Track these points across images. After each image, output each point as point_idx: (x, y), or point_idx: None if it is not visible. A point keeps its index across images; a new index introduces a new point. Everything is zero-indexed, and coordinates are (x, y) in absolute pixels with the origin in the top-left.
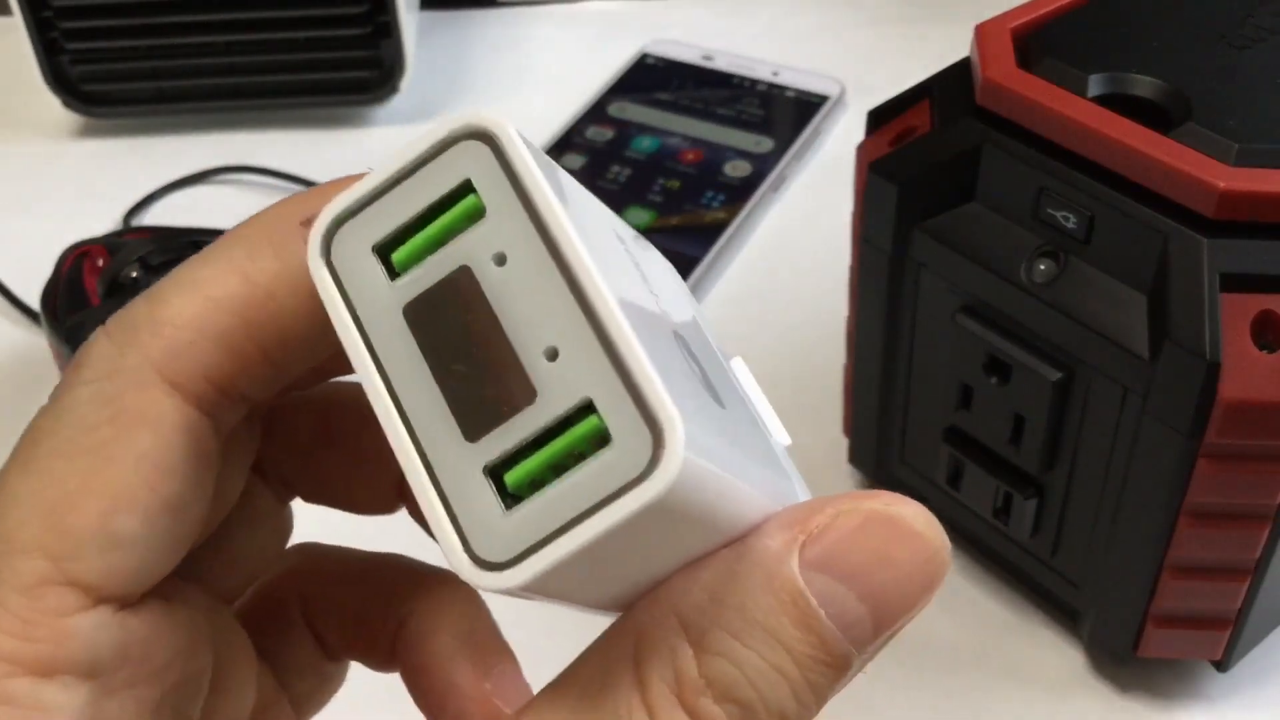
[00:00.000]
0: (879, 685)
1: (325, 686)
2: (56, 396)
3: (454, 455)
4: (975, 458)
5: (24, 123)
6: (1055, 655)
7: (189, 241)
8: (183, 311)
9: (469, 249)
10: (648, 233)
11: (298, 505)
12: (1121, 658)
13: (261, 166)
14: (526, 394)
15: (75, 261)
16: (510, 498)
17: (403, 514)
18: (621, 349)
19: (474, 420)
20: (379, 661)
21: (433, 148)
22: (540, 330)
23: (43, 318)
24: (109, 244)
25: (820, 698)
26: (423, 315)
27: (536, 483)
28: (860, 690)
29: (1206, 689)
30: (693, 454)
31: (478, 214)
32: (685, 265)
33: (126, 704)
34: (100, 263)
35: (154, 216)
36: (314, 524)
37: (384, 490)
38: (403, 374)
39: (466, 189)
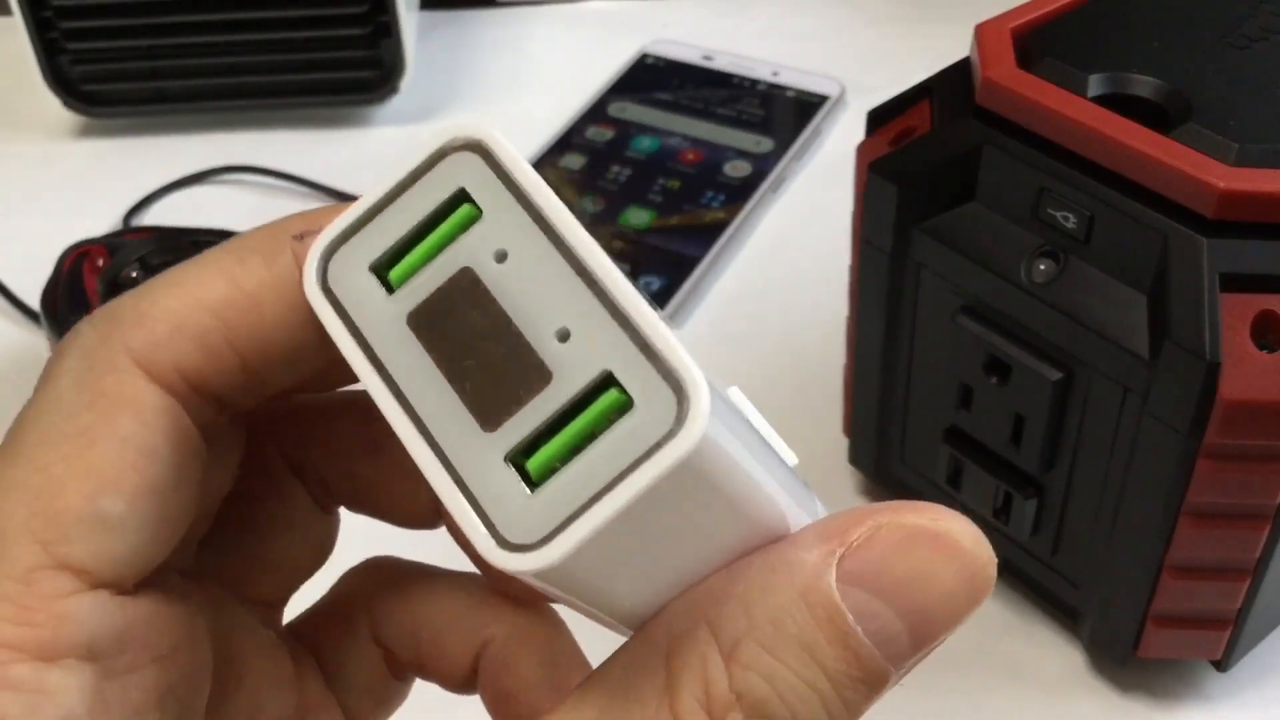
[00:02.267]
0: None
1: (387, 704)
2: (40, 385)
3: (473, 447)
4: (975, 458)
5: (24, 123)
6: (1055, 655)
7: (189, 241)
8: (166, 306)
9: (468, 251)
10: (648, 233)
11: (358, 523)
12: (1121, 658)
13: (261, 166)
14: (542, 376)
15: (75, 261)
16: (533, 483)
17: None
18: (636, 318)
19: (491, 410)
20: (453, 683)
21: (422, 164)
22: (549, 315)
23: (43, 318)
24: (109, 244)
25: (854, 715)
26: (428, 320)
27: (559, 464)
28: None
29: (1206, 689)
30: (716, 416)
31: (473, 218)
32: (685, 265)
33: (129, 689)
34: (100, 263)
35: (154, 216)
36: (364, 538)
37: (424, 503)
38: (412, 379)
39: (461, 197)
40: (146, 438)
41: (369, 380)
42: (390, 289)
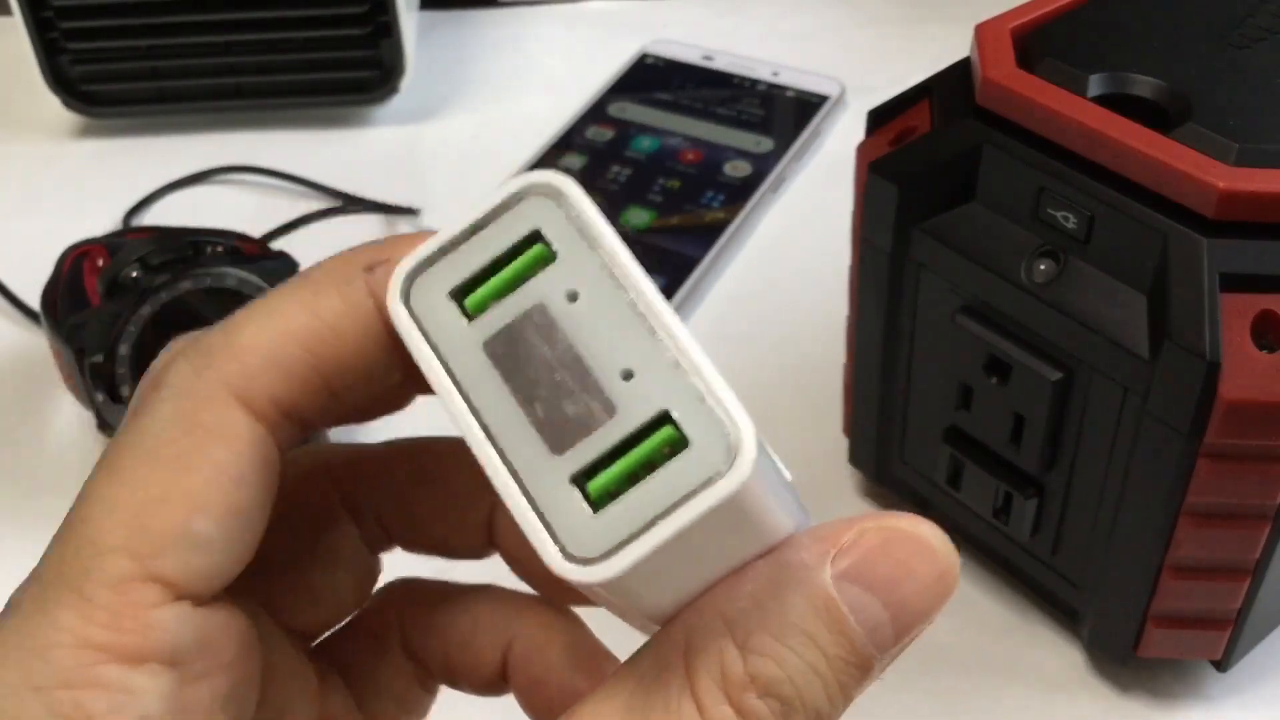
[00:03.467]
0: (879, 685)
1: (414, 714)
2: (137, 412)
3: (542, 468)
4: (975, 458)
5: (24, 123)
6: (1055, 655)
7: (189, 241)
8: (255, 340)
9: (542, 290)
10: (648, 233)
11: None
12: (1121, 658)
13: (261, 166)
14: (607, 409)
15: (75, 261)
16: (594, 504)
17: (488, 565)
18: (698, 366)
19: (559, 435)
20: (483, 685)
21: (503, 203)
22: (615, 355)
23: (43, 318)
24: (109, 244)
25: (847, 699)
26: (504, 348)
27: (616, 489)
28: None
29: (1206, 689)
30: (761, 458)
31: (548, 259)
32: (685, 265)
33: (202, 693)
34: (100, 263)
35: (154, 216)
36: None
37: (476, 532)
38: (487, 401)
39: (535, 238)
40: (237, 465)
41: (449, 397)
42: (468, 317)
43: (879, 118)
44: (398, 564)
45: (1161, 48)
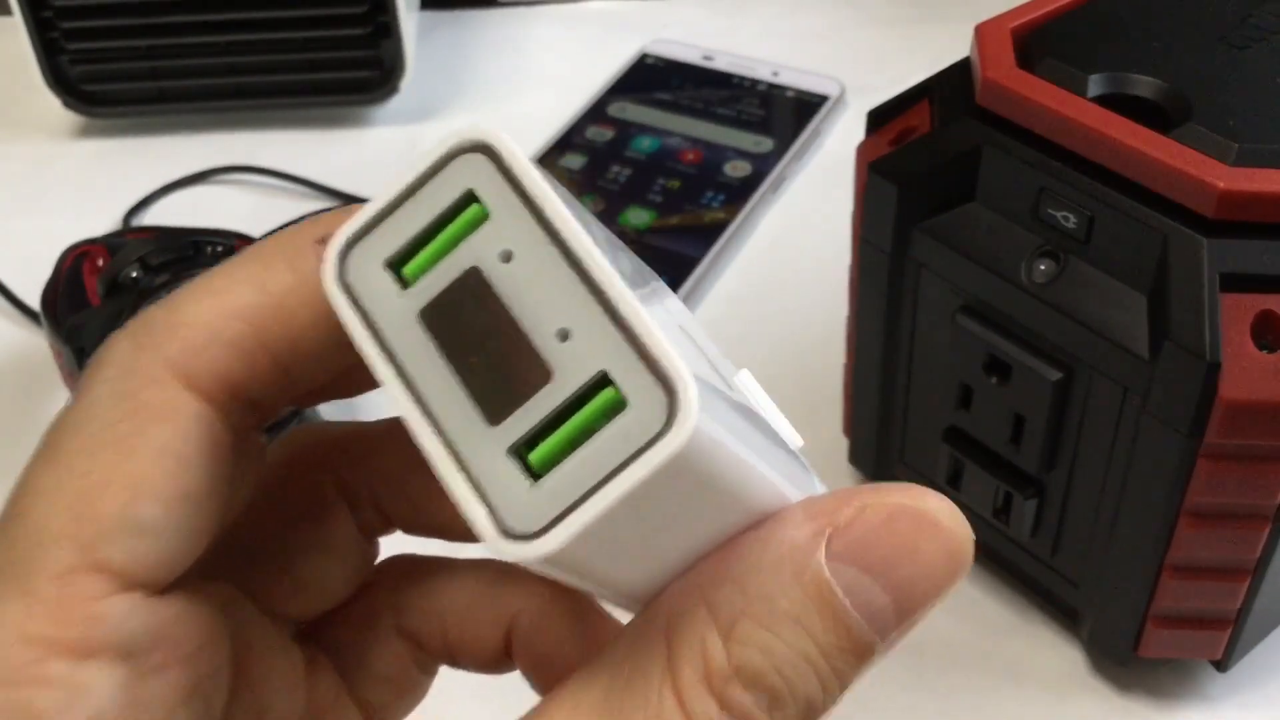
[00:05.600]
0: (879, 685)
1: (409, 698)
2: (78, 394)
3: (478, 440)
4: (975, 458)
5: (24, 123)
6: (1055, 655)
7: (189, 241)
8: (198, 316)
9: (476, 251)
10: (648, 233)
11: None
12: (1121, 658)
13: (261, 166)
14: (543, 374)
15: (75, 261)
16: (534, 475)
17: None
18: (632, 321)
19: (495, 405)
20: (485, 663)
21: (433, 165)
22: (551, 315)
23: (43, 318)
24: (109, 244)
25: (844, 685)
26: (437, 317)
27: (557, 459)
28: (860, 689)
29: (1206, 689)
30: (706, 414)
31: (481, 219)
32: (685, 265)
33: (160, 687)
34: (100, 263)
35: (154, 216)
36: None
37: None
38: (423, 373)
39: (469, 198)
40: (182, 446)
41: (381, 372)
42: (404, 285)
43: (879, 118)
44: (394, 542)
45: (1161, 48)
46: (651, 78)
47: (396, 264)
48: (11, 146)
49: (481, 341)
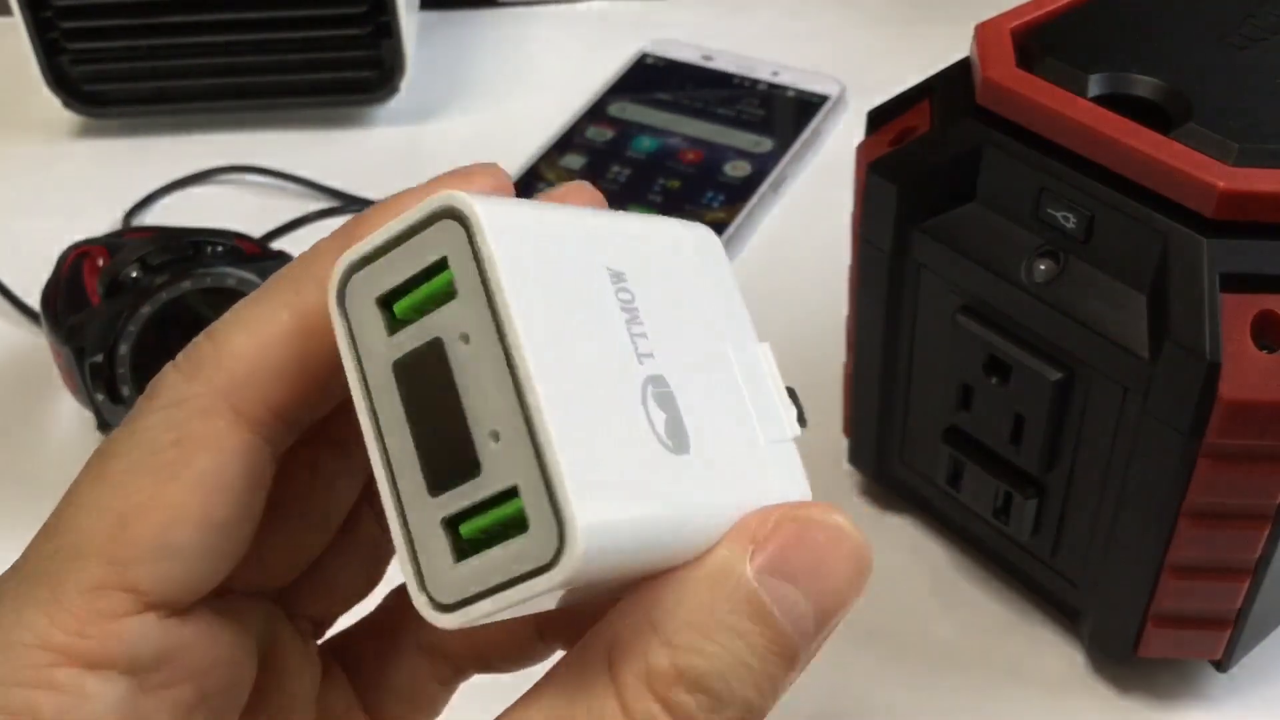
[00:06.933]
0: (880, 685)
1: (425, 714)
2: (130, 420)
3: (421, 504)
4: (975, 458)
5: (24, 123)
6: (1055, 655)
7: (189, 241)
8: (243, 347)
9: (442, 323)
10: None
11: None
12: (1121, 658)
13: (261, 166)
14: (474, 466)
15: (75, 261)
16: (461, 550)
17: None
18: (543, 447)
19: (435, 478)
20: (520, 660)
21: (417, 222)
22: (487, 412)
23: (43, 318)
24: (109, 244)
25: (775, 689)
26: (405, 375)
27: (477, 544)
28: (861, 689)
29: (1206, 689)
30: (604, 542)
31: (450, 293)
32: None
33: (161, 702)
34: (100, 263)
35: (154, 216)
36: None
37: None
38: (390, 423)
39: (443, 265)
40: (221, 476)
41: (359, 405)
42: (391, 326)
43: (879, 118)
44: None
45: (1161, 48)
46: (651, 78)
47: (388, 301)
48: (11, 146)
49: (435, 412)
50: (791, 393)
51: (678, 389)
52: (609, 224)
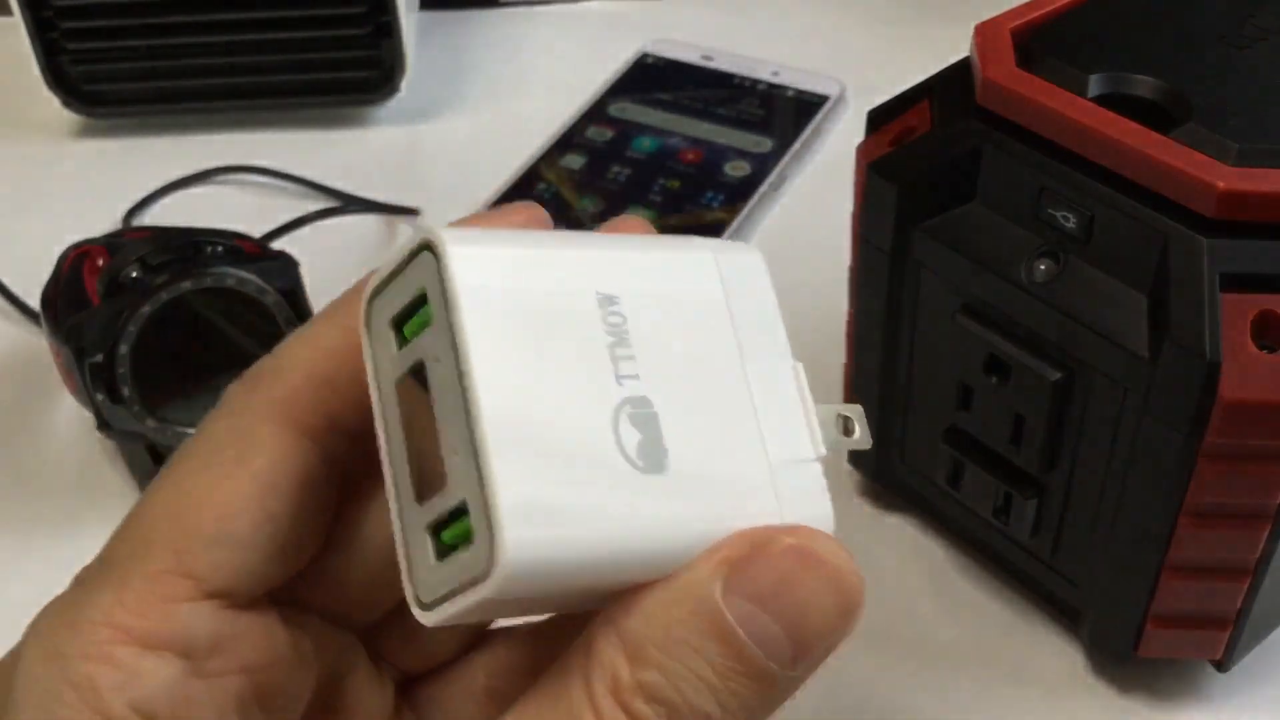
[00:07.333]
0: (880, 685)
1: None
2: (200, 427)
3: (412, 510)
4: (975, 458)
5: (24, 123)
6: (1055, 655)
7: (189, 241)
8: (297, 360)
9: (424, 346)
10: None
11: None
12: (1121, 658)
13: (261, 166)
14: (441, 481)
15: (75, 261)
16: (441, 552)
17: None
18: (481, 466)
19: (419, 487)
20: None
21: (410, 253)
22: (448, 432)
23: (43, 318)
24: (109, 244)
25: (745, 708)
26: (403, 391)
27: (450, 548)
28: (861, 689)
29: (1206, 689)
30: (534, 560)
31: (429, 320)
32: None
33: (212, 689)
34: (100, 263)
35: (154, 216)
36: None
37: None
38: (393, 434)
39: (424, 298)
40: (274, 475)
41: (376, 419)
42: (399, 348)
43: (879, 118)
44: None
45: (1161, 48)
46: (651, 78)
47: (399, 323)
48: (11, 146)
49: (421, 428)
50: (847, 414)
51: (663, 409)
52: (611, 252)
